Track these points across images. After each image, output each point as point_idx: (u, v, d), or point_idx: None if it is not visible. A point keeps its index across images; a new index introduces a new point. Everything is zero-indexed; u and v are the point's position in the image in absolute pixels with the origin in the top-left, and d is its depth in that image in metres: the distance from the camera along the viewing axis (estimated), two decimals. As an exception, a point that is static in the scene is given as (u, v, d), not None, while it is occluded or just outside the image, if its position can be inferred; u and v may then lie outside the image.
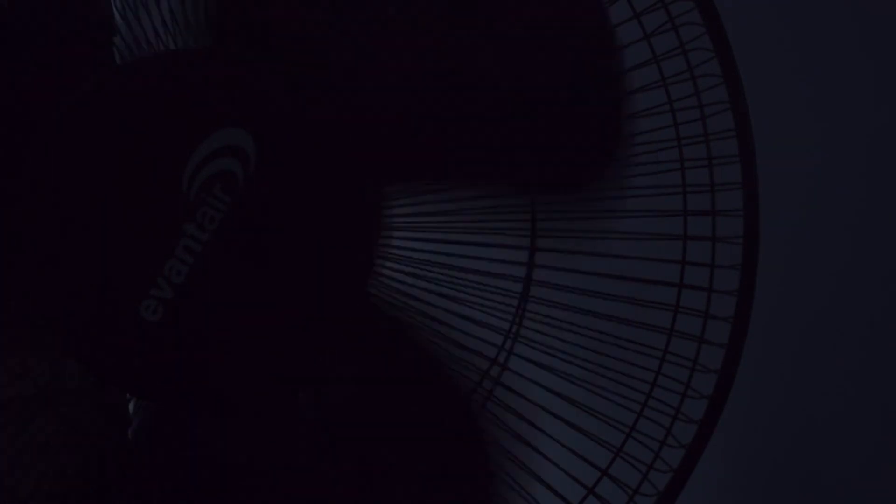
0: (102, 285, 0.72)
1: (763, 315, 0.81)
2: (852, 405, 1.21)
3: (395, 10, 0.75)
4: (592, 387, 0.80)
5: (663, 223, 0.79)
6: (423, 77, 0.75)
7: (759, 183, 0.79)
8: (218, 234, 0.72)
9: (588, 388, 0.80)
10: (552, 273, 0.81)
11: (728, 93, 0.78)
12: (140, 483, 0.75)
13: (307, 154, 0.73)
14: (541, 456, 0.80)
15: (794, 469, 1.21)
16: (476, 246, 0.80)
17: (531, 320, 0.80)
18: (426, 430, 0.76)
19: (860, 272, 1.21)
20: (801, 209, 1.19)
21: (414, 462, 0.76)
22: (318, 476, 0.76)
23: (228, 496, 0.75)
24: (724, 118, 0.78)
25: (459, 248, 0.80)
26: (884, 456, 1.20)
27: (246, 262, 0.73)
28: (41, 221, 0.72)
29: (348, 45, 0.76)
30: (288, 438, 0.77)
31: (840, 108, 1.20)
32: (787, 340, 1.20)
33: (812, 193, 1.20)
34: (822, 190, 1.20)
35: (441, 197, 0.80)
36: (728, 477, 1.20)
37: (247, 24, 0.76)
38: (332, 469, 0.76)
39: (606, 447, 0.80)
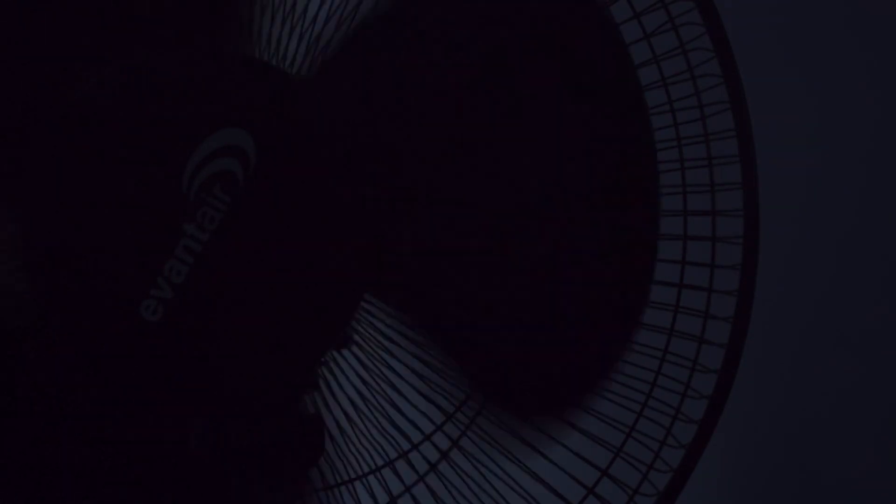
0: (102, 285, 0.72)
1: (763, 315, 0.81)
2: (852, 405, 1.21)
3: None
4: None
5: (663, 223, 0.79)
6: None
7: (759, 183, 0.79)
8: (218, 234, 0.72)
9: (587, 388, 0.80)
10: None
11: (728, 93, 0.78)
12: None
13: (307, 154, 0.73)
14: (541, 456, 0.80)
15: (794, 469, 1.21)
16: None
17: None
18: None
19: (860, 272, 1.21)
20: (801, 209, 1.19)
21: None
22: None
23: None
24: (724, 118, 0.78)
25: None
26: (884, 456, 1.20)
27: (246, 263, 0.73)
28: (40, 220, 0.72)
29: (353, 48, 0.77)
30: (284, 439, 0.77)
31: (840, 107, 1.20)
32: (787, 340, 1.20)
33: (812, 193, 1.20)
34: (822, 190, 1.20)
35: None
36: (728, 477, 1.20)
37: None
38: None
39: (606, 447, 0.80)
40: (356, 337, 0.79)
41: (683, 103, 0.79)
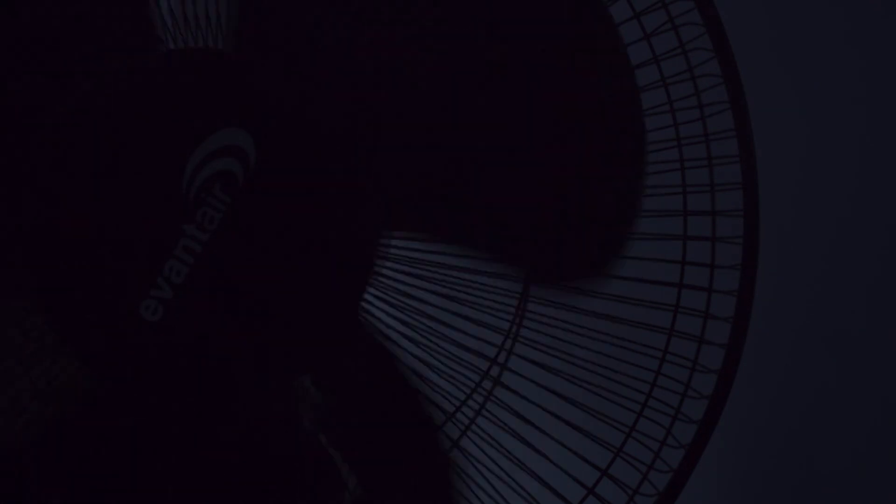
0: (102, 285, 0.72)
1: (763, 315, 0.81)
2: (851, 405, 1.21)
3: (411, 26, 0.75)
4: (592, 387, 0.80)
5: (663, 223, 0.79)
6: (430, 97, 0.75)
7: (758, 183, 0.79)
8: (218, 234, 0.72)
9: (588, 388, 0.80)
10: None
11: (728, 93, 0.78)
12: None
13: (307, 154, 0.73)
14: (541, 456, 0.80)
15: (794, 469, 1.21)
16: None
17: (531, 320, 0.80)
18: (389, 468, 0.77)
19: (859, 272, 1.21)
20: (801, 209, 1.19)
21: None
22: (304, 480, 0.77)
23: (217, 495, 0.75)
24: (724, 118, 0.78)
25: (460, 248, 0.80)
26: (883, 455, 1.20)
27: (245, 262, 0.73)
28: (41, 221, 0.72)
29: (354, 48, 0.77)
30: (284, 439, 0.77)
31: (840, 107, 1.20)
32: (786, 340, 1.20)
33: (812, 193, 1.20)
34: (822, 190, 1.20)
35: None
36: (728, 477, 1.20)
37: (260, 26, 0.76)
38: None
39: (606, 447, 0.80)
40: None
41: (683, 103, 0.79)
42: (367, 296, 0.77)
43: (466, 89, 0.76)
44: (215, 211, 0.72)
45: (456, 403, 0.80)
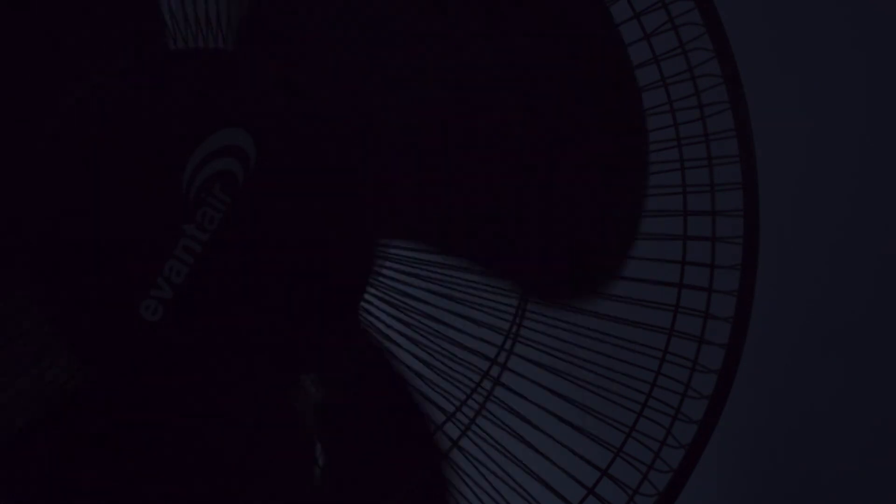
0: (103, 285, 0.72)
1: (763, 315, 0.81)
2: (851, 405, 1.21)
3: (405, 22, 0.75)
4: (592, 387, 0.80)
5: (663, 223, 0.79)
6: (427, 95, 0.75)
7: (758, 183, 0.79)
8: (218, 234, 0.72)
9: (588, 389, 0.80)
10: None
11: (728, 93, 0.78)
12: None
13: (307, 154, 0.73)
14: (541, 456, 0.80)
15: (794, 469, 1.21)
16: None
17: (531, 320, 0.80)
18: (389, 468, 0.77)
19: (859, 272, 1.21)
20: (801, 209, 1.19)
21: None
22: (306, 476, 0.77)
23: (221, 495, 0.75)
24: (724, 118, 0.78)
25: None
26: (883, 455, 1.20)
27: (245, 262, 0.73)
28: (41, 221, 0.72)
29: (353, 49, 0.77)
30: (283, 439, 0.77)
31: (840, 108, 1.20)
32: (786, 340, 1.20)
33: (812, 193, 1.20)
34: (822, 190, 1.20)
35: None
36: (728, 477, 1.20)
37: (262, 25, 0.76)
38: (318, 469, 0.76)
39: (606, 447, 0.80)
40: (356, 337, 0.80)
41: (683, 103, 0.79)
42: (366, 296, 0.77)
43: (466, 95, 0.76)
44: (215, 211, 0.72)
45: (456, 403, 0.80)
